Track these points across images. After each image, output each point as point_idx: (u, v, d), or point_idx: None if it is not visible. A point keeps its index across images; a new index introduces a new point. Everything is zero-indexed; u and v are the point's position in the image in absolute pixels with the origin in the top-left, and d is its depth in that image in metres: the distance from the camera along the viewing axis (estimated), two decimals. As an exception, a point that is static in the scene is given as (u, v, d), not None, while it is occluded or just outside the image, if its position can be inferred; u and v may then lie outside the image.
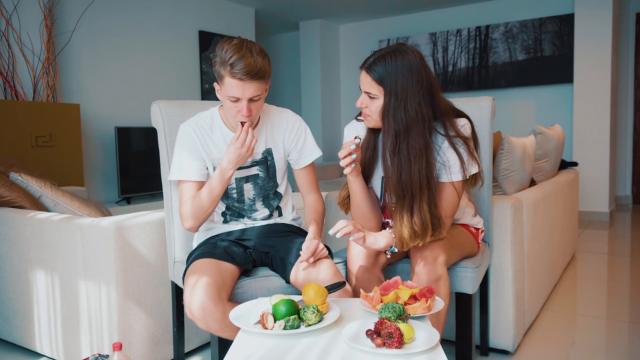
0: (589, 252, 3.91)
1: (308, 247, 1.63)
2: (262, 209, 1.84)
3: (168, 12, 5.07)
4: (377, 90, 1.59)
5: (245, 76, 1.55)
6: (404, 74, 1.56)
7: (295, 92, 7.37)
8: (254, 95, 1.60)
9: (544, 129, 3.07)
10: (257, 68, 1.56)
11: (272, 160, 1.80)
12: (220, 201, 1.82)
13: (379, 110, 1.61)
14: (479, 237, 1.90)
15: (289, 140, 1.82)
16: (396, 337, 1.16)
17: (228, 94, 1.60)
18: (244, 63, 1.54)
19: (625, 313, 2.63)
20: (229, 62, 1.55)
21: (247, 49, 1.57)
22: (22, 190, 2.28)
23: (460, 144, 1.63)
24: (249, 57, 1.55)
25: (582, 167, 5.10)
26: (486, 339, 2.13)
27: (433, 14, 6.36)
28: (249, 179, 1.79)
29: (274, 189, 1.84)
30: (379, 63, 1.58)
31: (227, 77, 1.57)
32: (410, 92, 1.57)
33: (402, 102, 1.56)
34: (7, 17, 3.75)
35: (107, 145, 4.53)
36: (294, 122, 1.83)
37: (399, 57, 1.57)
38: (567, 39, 5.50)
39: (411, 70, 1.57)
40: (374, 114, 1.63)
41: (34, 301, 2.14)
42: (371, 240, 1.60)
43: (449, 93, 6.26)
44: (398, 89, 1.56)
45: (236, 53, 1.55)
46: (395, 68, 1.56)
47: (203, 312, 1.49)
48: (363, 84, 1.62)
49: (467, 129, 1.66)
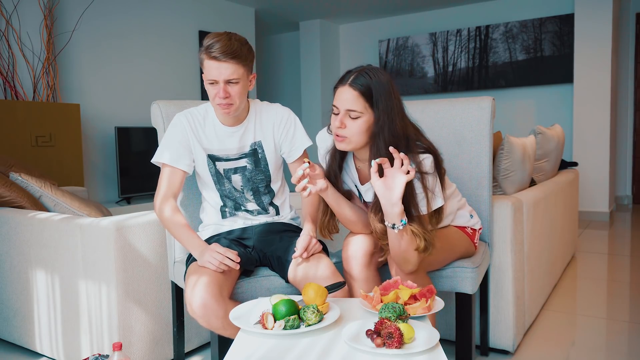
0: (589, 252, 3.91)
1: (301, 244, 1.65)
2: (252, 203, 1.85)
3: (168, 12, 5.07)
4: (363, 106, 1.52)
5: (220, 54, 1.61)
6: (387, 90, 1.53)
7: (295, 92, 7.37)
8: (231, 77, 1.63)
9: (544, 129, 3.07)
10: (232, 48, 1.62)
11: (263, 153, 1.81)
12: (217, 194, 1.83)
13: (362, 129, 1.53)
14: (475, 238, 1.90)
15: (279, 132, 1.83)
16: (396, 337, 1.16)
17: (207, 77, 1.66)
18: (220, 44, 1.61)
19: (625, 313, 2.63)
20: (207, 44, 1.63)
21: (227, 35, 1.65)
22: (22, 190, 2.28)
23: (420, 180, 1.54)
24: (225, 39, 1.63)
25: (582, 167, 5.10)
26: (486, 339, 2.13)
27: (433, 14, 6.36)
28: (237, 170, 1.81)
29: (265, 183, 1.84)
30: (361, 78, 1.52)
31: (205, 59, 1.64)
32: (395, 109, 1.53)
33: (391, 118, 1.52)
34: (7, 17, 3.75)
35: (107, 145, 4.53)
36: (282, 113, 1.84)
37: (376, 73, 1.53)
38: (567, 39, 5.50)
39: (390, 85, 1.54)
40: (353, 135, 1.54)
41: (34, 301, 2.14)
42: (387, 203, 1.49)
43: (449, 93, 6.26)
44: (386, 104, 1.52)
45: (215, 38, 1.64)
46: (379, 82, 1.52)
47: (205, 309, 1.49)
48: (343, 102, 1.53)
49: (428, 164, 1.56)
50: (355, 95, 1.52)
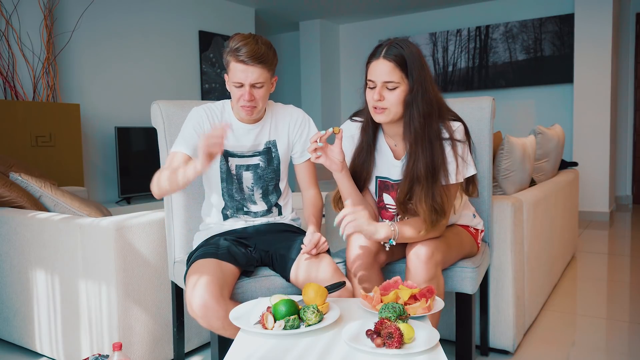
0: (589, 252, 3.91)
1: (310, 240, 1.66)
2: (261, 203, 1.85)
3: (168, 12, 5.07)
4: (399, 77, 1.57)
5: (248, 59, 1.62)
6: (419, 60, 1.58)
7: (295, 92, 7.37)
8: (257, 81, 1.66)
9: (544, 129, 3.07)
10: (260, 52, 1.63)
11: (277, 152, 1.84)
12: (220, 195, 1.83)
13: (400, 99, 1.58)
14: (478, 238, 1.90)
15: (294, 132, 1.86)
16: (396, 337, 1.16)
17: (232, 79, 1.67)
18: (248, 48, 1.63)
19: (625, 313, 2.63)
20: (234, 47, 1.64)
21: (253, 38, 1.67)
22: (22, 190, 2.28)
23: (452, 147, 1.61)
24: (253, 44, 1.64)
25: (582, 167, 5.10)
26: (486, 339, 2.13)
27: (433, 14, 6.36)
28: (249, 167, 1.82)
29: (275, 182, 1.85)
30: (393, 49, 1.57)
31: (232, 62, 1.66)
32: (427, 78, 1.58)
33: (424, 87, 1.57)
34: (7, 17, 3.75)
35: (107, 145, 4.53)
36: (297, 114, 1.88)
37: (407, 44, 1.59)
38: (567, 39, 5.50)
39: (420, 56, 1.59)
40: (393, 106, 1.59)
41: (34, 301, 2.14)
42: (371, 230, 1.56)
43: (449, 93, 6.26)
44: (419, 74, 1.56)
45: (242, 40, 1.65)
46: (411, 53, 1.58)
47: (205, 310, 1.49)
48: (380, 74, 1.57)
49: (460, 132, 1.64)
50: (391, 67, 1.57)
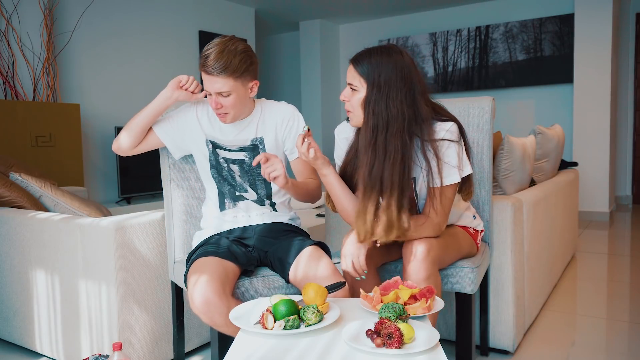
0: (589, 252, 3.91)
1: (266, 155, 1.60)
2: (251, 191, 1.85)
3: (168, 12, 5.07)
4: (359, 82, 1.60)
5: (210, 69, 1.62)
6: (388, 69, 1.57)
7: (295, 92, 7.37)
8: (220, 90, 1.65)
9: (544, 129, 3.07)
10: (221, 62, 1.61)
11: (264, 148, 1.82)
12: (215, 185, 1.84)
13: (360, 103, 1.62)
14: (478, 238, 1.90)
15: (282, 128, 1.83)
16: (396, 337, 1.16)
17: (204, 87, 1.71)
18: (210, 57, 1.62)
19: (625, 313, 2.63)
20: (202, 55, 1.65)
21: (222, 45, 1.63)
22: (22, 190, 2.28)
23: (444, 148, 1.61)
24: (216, 52, 1.62)
25: (582, 167, 5.10)
26: (486, 339, 2.13)
27: (433, 14, 6.36)
28: (235, 161, 1.82)
29: (262, 177, 1.83)
30: (365, 56, 1.60)
31: (200, 69, 1.67)
32: (393, 88, 1.57)
33: (384, 96, 1.57)
34: (7, 17, 3.75)
35: (107, 145, 4.53)
36: (285, 110, 1.85)
37: (386, 53, 1.59)
38: (567, 39, 5.50)
39: (396, 68, 1.58)
40: (355, 109, 1.63)
41: (34, 301, 2.14)
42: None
43: (449, 93, 6.26)
44: (381, 82, 1.57)
45: (208, 50, 1.64)
46: (380, 62, 1.58)
47: (207, 306, 1.50)
48: (348, 76, 1.64)
49: (453, 132, 1.63)
50: (354, 72, 1.61)
